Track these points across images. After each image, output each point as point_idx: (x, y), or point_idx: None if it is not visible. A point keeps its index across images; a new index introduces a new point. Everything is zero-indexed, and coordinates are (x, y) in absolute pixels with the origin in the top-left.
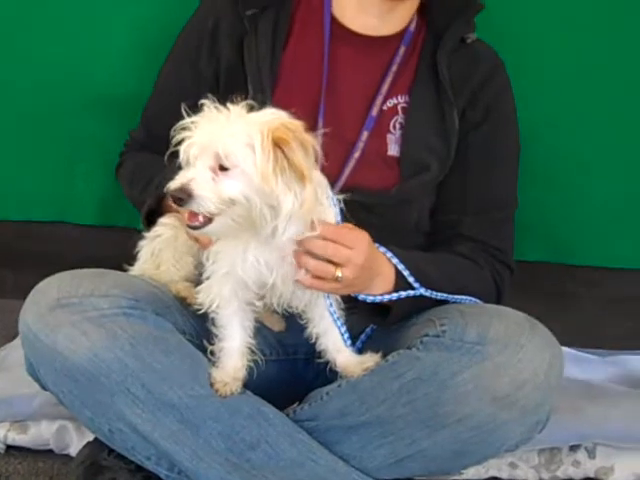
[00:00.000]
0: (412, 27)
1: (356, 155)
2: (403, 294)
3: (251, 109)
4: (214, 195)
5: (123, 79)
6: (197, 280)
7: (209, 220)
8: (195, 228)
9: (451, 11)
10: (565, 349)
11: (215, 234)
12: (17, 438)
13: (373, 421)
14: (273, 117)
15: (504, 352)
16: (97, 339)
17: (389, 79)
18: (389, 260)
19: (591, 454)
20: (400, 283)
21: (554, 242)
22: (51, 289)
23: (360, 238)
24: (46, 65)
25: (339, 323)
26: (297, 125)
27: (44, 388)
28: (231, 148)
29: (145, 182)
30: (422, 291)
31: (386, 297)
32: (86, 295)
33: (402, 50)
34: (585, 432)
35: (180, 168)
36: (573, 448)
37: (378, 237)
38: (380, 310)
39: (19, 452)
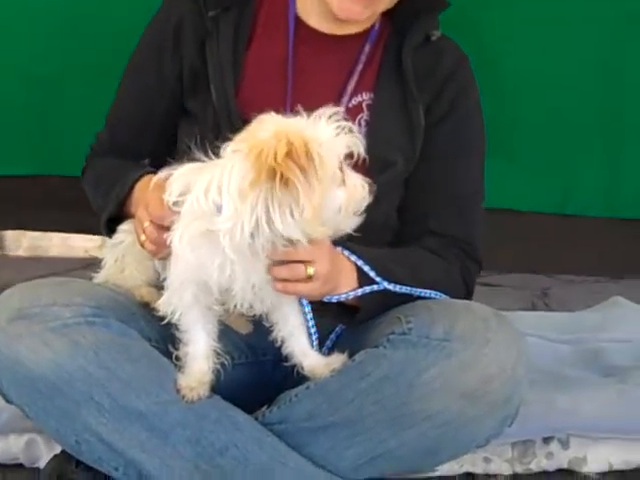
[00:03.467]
0: (377, 26)
1: None
2: (367, 289)
3: None
4: None
5: None
6: (160, 284)
7: None
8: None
9: (416, 9)
10: (536, 340)
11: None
12: None
13: (342, 422)
14: None
15: (470, 348)
16: (60, 349)
17: (355, 77)
18: (347, 258)
19: (564, 445)
20: (363, 280)
21: None
22: (12, 300)
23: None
24: None
25: (311, 323)
26: None
27: (8, 401)
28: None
29: (107, 188)
30: (385, 284)
31: (351, 294)
32: (48, 304)
33: (367, 48)
34: (557, 424)
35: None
36: (546, 440)
37: (346, 235)
38: (349, 311)
39: None
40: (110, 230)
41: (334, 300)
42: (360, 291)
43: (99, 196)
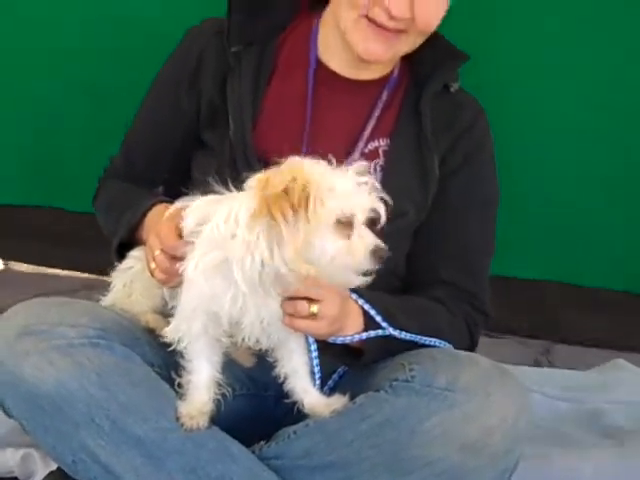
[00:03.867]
0: (396, 73)
1: None
2: (372, 333)
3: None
4: None
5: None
6: (166, 311)
7: None
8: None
9: (436, 60)
10: (539, 397)
11: None
12: None
13: (338, 462)
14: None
15: (473, 400)
16: (63, 368)
17: (372, 122)
18: (355, 301)
19: None
20: (369, 324)
21: None
22: (20, 316)
23: None
24: None
25: (315, 362)
26: None
27: (8, 415)
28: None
29: (119, 213)
30: (391, 330)
31: (356, 337)
32: (55, 323)
33: (385, 95)
34: None
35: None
36: None
37: None
38: (352, 353)
39: None
40: (121, 255)
41: (339, 341)
42: (365, 335)
43: (110, 221)
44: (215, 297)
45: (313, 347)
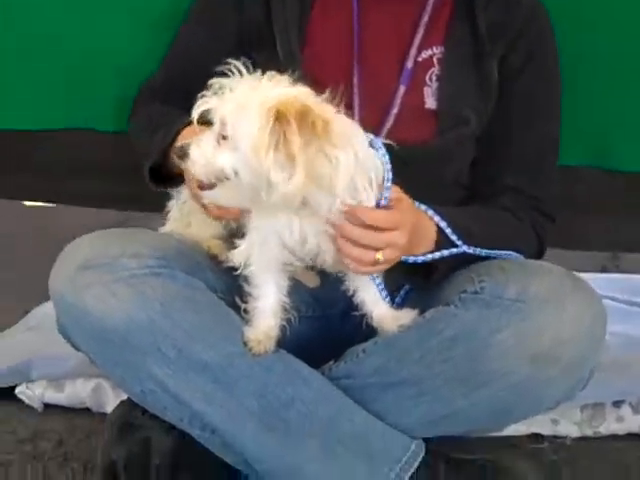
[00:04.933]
0: None
1: (394, 111)
2: (446, 253)
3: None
4: (205, 163)
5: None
6: (227, 238)
7: (211, 186)
8: (201, 189)
9: None
10: (610, 303)
11: (219, 202)
12: (54, 396)
13: (410, 379)
14: (290, 91)
15: (545, 310)
16: (127, 299)
17: (422, 30)
18: (430, 218)
19: (635, 409)
20: (442, 241)
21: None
22: (80, 250)
23: (402, 218)
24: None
25: (377, 281)
26: (309, 104)
27: (76, 348)
28: (231, 118)
29: (151, 133)
30: (465, 248)
31: (429, 257)
32: (116, 256)
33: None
34: (629, 388)
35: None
36: (617, 404)
37: (417, 192)
38: (421, 267)
39: (56, 410)
40: (155, 179)
41: (410, 261)
42: (438, 255)
43: (143, 142)
44: (278, 226)
45: (378, 281)
